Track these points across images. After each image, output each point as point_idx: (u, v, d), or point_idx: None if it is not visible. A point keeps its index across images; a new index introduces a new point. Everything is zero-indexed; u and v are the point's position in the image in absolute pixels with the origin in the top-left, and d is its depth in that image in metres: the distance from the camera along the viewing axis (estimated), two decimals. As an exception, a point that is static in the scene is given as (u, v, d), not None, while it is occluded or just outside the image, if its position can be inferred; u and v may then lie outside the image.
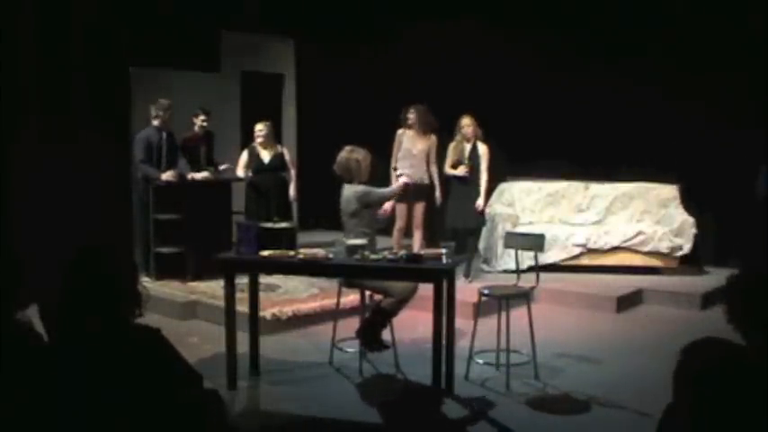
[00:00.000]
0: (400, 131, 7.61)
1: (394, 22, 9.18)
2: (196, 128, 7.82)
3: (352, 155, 5.15)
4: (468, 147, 7.49)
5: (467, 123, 7.46)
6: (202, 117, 7.81)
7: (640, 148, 8.25)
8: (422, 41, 9.05)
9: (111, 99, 7.73)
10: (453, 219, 7.49)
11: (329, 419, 4.37)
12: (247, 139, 8.16)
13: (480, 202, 7.47)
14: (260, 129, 7.75)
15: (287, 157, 7.95)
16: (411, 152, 7.51)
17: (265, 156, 7.78)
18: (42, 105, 7.27)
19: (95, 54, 7.56)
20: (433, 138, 7.54)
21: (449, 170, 7.52)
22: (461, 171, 7.41)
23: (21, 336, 2.54)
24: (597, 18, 8.50)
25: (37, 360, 2.37)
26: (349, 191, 5.10)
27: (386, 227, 6.58)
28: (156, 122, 7.51)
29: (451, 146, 7.56)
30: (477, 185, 7.45)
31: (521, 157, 8.64)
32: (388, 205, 5.89)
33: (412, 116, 7.52)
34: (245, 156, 7.83)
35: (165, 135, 7.54)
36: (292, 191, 7.92)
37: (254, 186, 7.77)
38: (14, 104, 7.06)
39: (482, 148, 7.50)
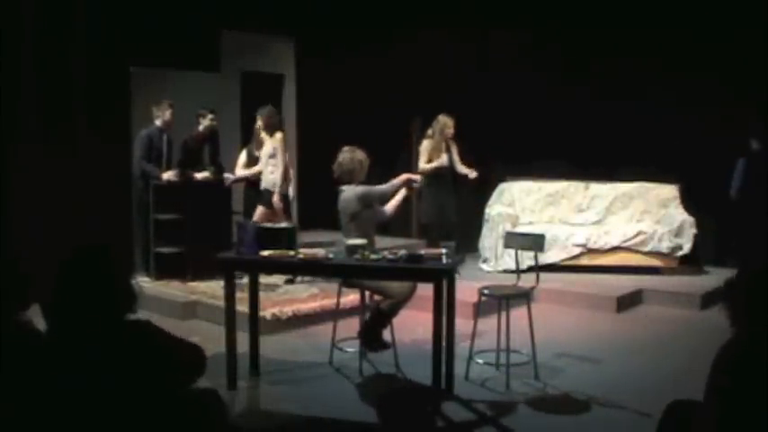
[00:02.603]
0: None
1: (394, 23, 9.18)
2: (201, 127, 7.77)
3: (355, 155, 5.13)
4: (444, 145, 7.69)
5: (452, 125, 7.64)
6: (211, 116, 7.77)
7: (640, 148, 8.25)
8: (421, 42, 9.05)
9: (111, 99, 7.73)
10: (437, 214, 7.65)
11: (329, 419, 4.37)
12: (247, 139, 8.15)
13: (470, 172, 7.61)
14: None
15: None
16: (258, 156, 7.60)
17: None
18: (42, 105, 7.27)
19: (95, 54, 7.56)
20: (278, 136, 7.32)
21: (425, 166, 7.65)
22: (443, 160, 7.60)
23: (21, 335, 2.54)
24: (597, 18, 8.50)
25: (37, 359, 2.37)
26: (349, 192, 5.07)
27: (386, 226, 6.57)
28: (158, 123, 7.53)
29: (428, 144, 7.71)
30: (453, 181, 7.71)
31: (521, 158, 8.66)
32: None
33: (258, 122, 7.43)
34: (243, 156, 7.83)
35: (166, 137, 7.56)
36: (291, 191, 7.92)
37: (253, 186, 7.76)
38: (14, 105, 7.06)
39: (454, 146, 7.76)
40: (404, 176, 5.30)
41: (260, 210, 7.31)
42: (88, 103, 7.56)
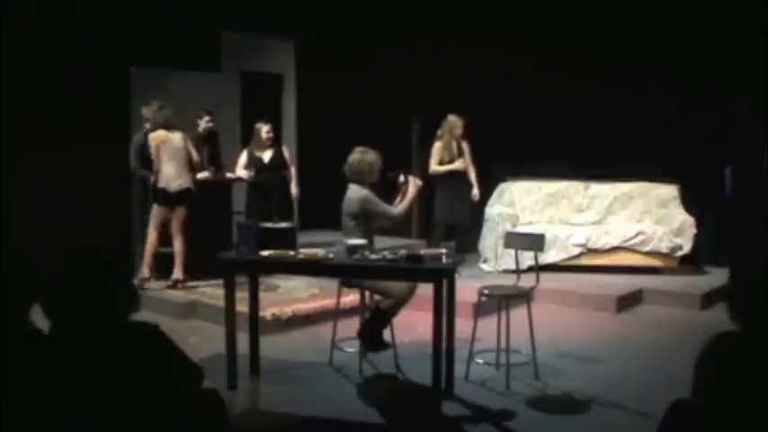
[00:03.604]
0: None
1: (394, 23, 9.18)
2: (200, 129, 7.79)
3: (365, 157, 5.09)
4: (455, 145, 7.72)
5: (461, 125, 7.68)
6: (207, 118, 7.78)
7: (640, 148, 8.25)
8: (421, 42, 9.05)
9: (111, 99, 7.73)
10: (450, 214, 7.69)
11: (329, 419, 4.37)
12: (247, 139, 8.15)
13: (476, 192, 7.85)
14: (268, 130, 7.75)
15: (286, 155, 7.96)
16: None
17: (265, 155, 7.78)
18: (42, 106, 7.27)
19: (95, 54, 7.56)
20: (152, 135, 7.06)
21: (438, 168, 7.70)
22: (460, 165, 7.69)
23: (22, 335, 2.54)
24: (597, 18, 8.50)
25: (39, 359, 2.37)
26: (354, 193, 5.04)
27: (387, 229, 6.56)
28: (148, 126, 7.50)
29: (439, 146, 7.74)
30: (467, 181, 7.78)
31: (521, 157, 8.66)
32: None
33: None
34: (244, 156, 7.83)
35: None
36: (294, 188, 7.93)
37: (255, 186, 7.77)
38: (14, 104, 7.07)
39: (466, 145, 7.80)
40: (409, 196, 5.17)
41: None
42: (88, 103, 7.56)
